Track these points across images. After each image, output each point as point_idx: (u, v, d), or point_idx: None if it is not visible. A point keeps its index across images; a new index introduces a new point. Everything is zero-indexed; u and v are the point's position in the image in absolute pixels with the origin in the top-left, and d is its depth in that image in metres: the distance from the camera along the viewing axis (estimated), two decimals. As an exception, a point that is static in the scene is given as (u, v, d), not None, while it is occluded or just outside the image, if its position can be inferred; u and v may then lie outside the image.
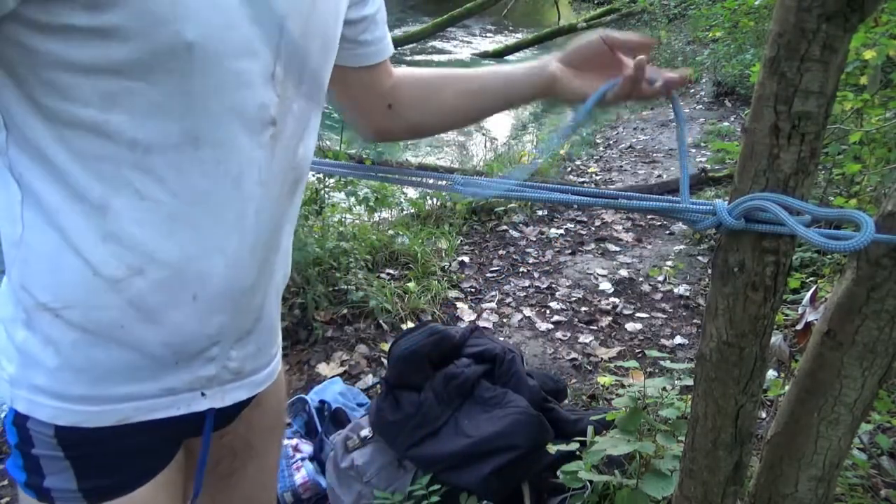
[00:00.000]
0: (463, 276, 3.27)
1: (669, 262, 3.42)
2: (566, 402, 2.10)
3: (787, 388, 1.01)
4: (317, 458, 1.93)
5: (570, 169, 5.29)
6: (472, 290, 3.16)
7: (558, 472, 1.48)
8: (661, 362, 1.73)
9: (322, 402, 2.10)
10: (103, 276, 0.61)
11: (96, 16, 0.51)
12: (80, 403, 0.65)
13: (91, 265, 0.61)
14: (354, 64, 0.85)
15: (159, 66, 0.55)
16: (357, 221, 3.39)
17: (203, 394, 0.71)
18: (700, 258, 3.44)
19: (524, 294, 3.14)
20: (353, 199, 3.11)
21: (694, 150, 5.49)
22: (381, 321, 2.73)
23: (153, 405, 0.68)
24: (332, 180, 3.03)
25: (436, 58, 9.80)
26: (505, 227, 3.84)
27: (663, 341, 2.71)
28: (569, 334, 2.77)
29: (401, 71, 0.93)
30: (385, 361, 2.44)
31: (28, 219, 0.60)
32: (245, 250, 0.67)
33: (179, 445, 0.75)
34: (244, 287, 0.69)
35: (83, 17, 0.51)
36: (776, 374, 1.89)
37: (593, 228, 3.92)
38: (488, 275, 3.31)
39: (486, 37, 12.22)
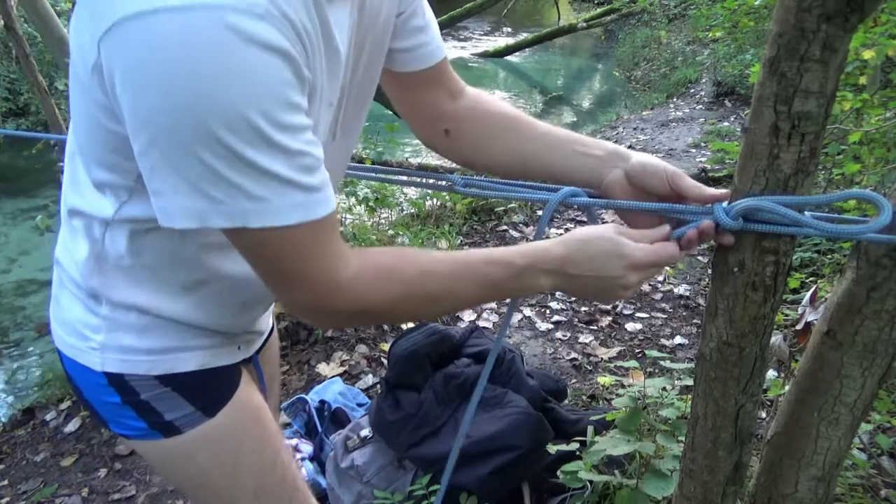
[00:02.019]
0: (463, 276, 3.27)
1: (669, 262, 3.41)
2: (566, 402, 2.10)
3: (787, 388, 1.01)
4: (317, 458, 1.93)
5: (570, 169, 5.28)
6: (472, 290, 3.16)
7: (558, 472, 1.48)
8: (661, 362, 1.73)
9: (322, 402, 2.10)
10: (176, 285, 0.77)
11: None
12: (167, 353, 0.79)
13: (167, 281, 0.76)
14: (399, 68, 0.87)
15: None
16: (357, 221, 3.39)
17: (239, 347, 0.90)
18: (700, 258, 3.44)
19: (524, 294, 3.13)
20: (353, 199, 3.11)
21: (694, 150, 5.49)
22: (381, 321, 2.73)
23: (216, 353, 0.84)
24: (332, 180, 3.02)
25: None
26: (505, 227, 3.84)
27: (663, 341, 2.71)
28: (569, 334, 2.77)
29: (473, 101, 0.93)
30: (385, 361, 2.44)
31: (110, 235, 0.72)
32: None
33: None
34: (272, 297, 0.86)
35: None
36: (776, 374, 1.89)
37: (593, 228, 3.91)
38: (488, 275, 3.31)
39: (485, 37, 12.22)
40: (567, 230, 4.21)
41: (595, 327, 2.83)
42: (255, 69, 0.53)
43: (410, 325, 2.71)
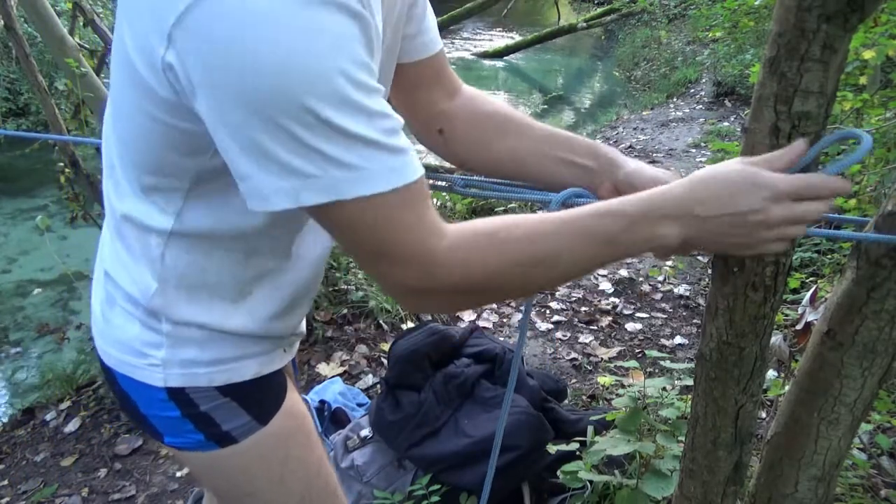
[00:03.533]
0: (463, 276, 3.27)
1: (669, 262, 3.42)
2: (566, 402, 2.10)
3: (787, 388, 1.01)
4: (317, 458, 1.93)
5: (570, 169, 5.29)
6: (472, 290, 3.16)
7: (558, 472, 1.48)
8: (661, 362, 1.73)
9: (322, 402, 2.10)
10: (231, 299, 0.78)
11: None
12: (228, 363, 0.79)
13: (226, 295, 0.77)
14: (399, 58, 0.85)
15: None
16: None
17: (284, 350, 0.89)
18: (700, 258, 3.44)
19: (524, 294, 3.14)
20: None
21: (694, 150, 5.49)
22: (381, 321, 2.73)
23: (269, 359, 0.85)
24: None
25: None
26: (505, 227, 3.83)
27: (663, 341, 2.71)
28: (569, 334, 2.76)
29: (468, 101, 0.92)
30: (385, 361, 2.44)
31: (170, 252, 0.72)
32: (323, 260, 0.85)
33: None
34: (316, 288, 0.89)
35: None
36: (776, 374, 1.89)
37: (593, 228, 3.91)
38: (488, 275, 3.31)
39: (485, 37, 12.22)
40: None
41: (595, 327, 2.83)
42: (333, 30, 0.53)
43: (410, 325, 2.72)
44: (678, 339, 2.71)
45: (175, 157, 0.65)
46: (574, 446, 1.50)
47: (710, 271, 2.84)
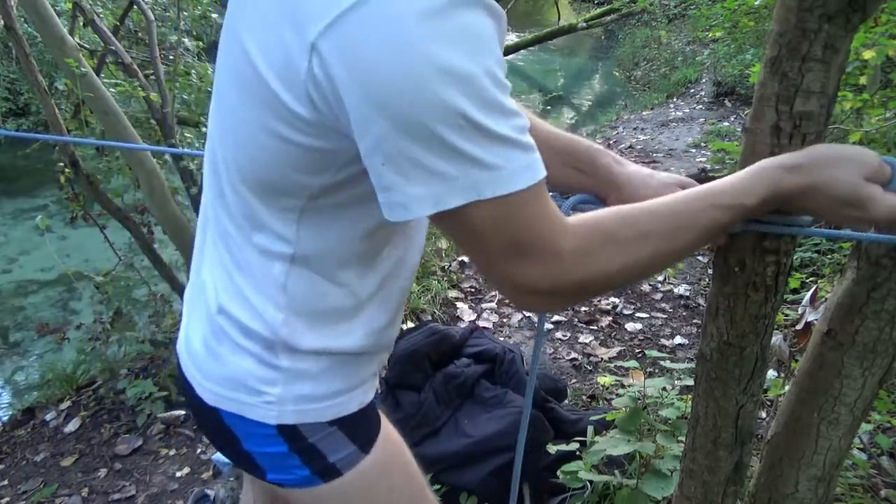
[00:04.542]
0: (463, 275, 3.27)
1: (669, 262, 3.41)
2: (566, 402, 2.10)
3: (787, 388, 1.00)
4: (317, 458, 1.93)
5: (569, 169, 5.29)
6: (472, 289, 3.16)
7: (558, 472, 1.48)
8: (661, 362, 1.73)
9: (322, 402, 2.10)
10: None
11: None
12: (338, 396, 0.78)
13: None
14: None
15: None
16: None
17: (377, 375, 0.89)
18: (700, 258, 3.44)
19: (524, 294, 3.14)
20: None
21: (694, 150, 5.49)
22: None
23: (371, 386, 0.85)
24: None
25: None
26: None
27: (663, 341, 2.71)
28: (569, 334, 2.76)
29: None
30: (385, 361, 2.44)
31: (292, 279, 0.71)
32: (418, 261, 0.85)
33: None
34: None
35: None
36: (776, 374, 1.89)
37: (593, 228, 3.91)
38: (488, 275, 3.31)
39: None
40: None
41: (595, 327, 2.83)
42: (480, 30, 0.53)
43: (410, 325, 2.71)
44: (678, 339, 2.71)
45: (298, 175, 0.64)
46: (574, 446, 1.50)
47: (710, 271, 2.84)
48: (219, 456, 2.00)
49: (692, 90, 7.69)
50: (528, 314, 2.93)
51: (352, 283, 0.74)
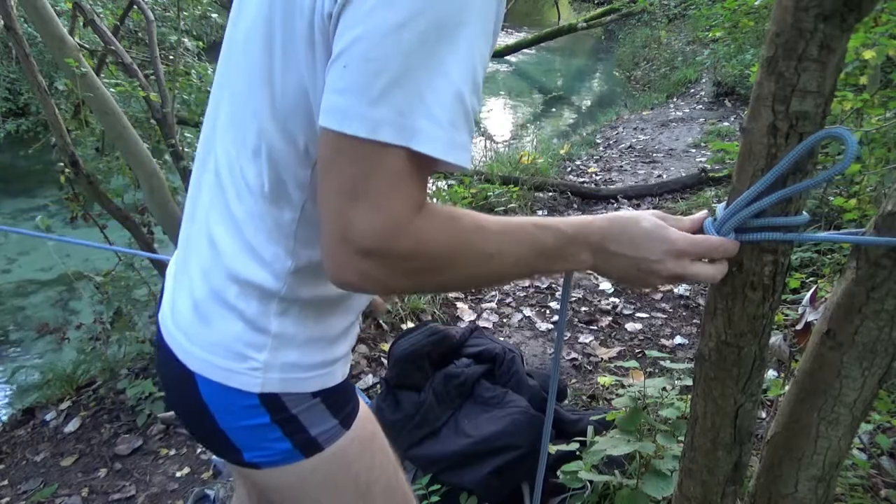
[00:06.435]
0: (463, 276, 3.27)
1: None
2: (566, 402, 2.10)
3: (787, 388, 1.00)
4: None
5: (570, 169, 5.30)
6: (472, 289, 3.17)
7: (558, 472, 1.48)
8: (661, 362, 1.73)
9: (322, 402, 2.10)
10: None
11: None
12: (323, 368, 0.79)
13: None
14: None
15: None
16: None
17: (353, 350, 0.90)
18: (700, 258, 3.44)
19: (524, 294, 3.14)
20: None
21: (694, 150, 5.49)
22: (381, 321, 2.73)
23: (348, 360, 0.86)
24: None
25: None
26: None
27: (663, 341, 2.71)
28: (569, 334, 2.76)
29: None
30: (385, 361, 2.44)
31: (302, 227, 0.71)
32: None
33: None
34: None
35: None
36: (776, 374, 1.89)
37: (593, 228, 3.91)
38: (488, 275, 3.31)
39: (486, 37, 12.19)
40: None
41: (595, 327, 2.83)
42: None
43: (410, 325, 2.71)
44: (678, 339, 2.71)
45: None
46: (574, 446, 1.50)
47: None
48: (219, 456, 2.00)
49: (692, 90, 7.70)
50: (527, 315, 2.93)
51: None
